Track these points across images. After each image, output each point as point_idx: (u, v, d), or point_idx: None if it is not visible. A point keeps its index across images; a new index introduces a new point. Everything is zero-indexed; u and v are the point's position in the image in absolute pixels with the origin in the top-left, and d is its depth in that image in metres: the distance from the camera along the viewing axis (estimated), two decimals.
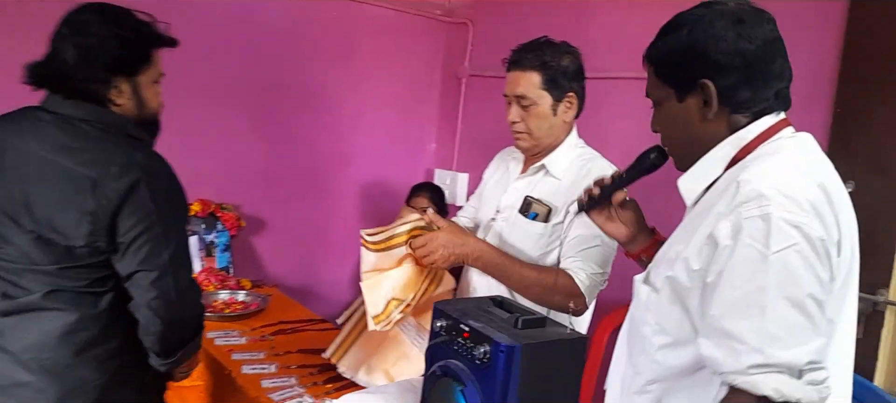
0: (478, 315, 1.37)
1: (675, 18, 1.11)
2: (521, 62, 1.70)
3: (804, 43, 2.07)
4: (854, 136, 1.90)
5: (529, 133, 1.72)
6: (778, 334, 0.89)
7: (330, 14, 3.05)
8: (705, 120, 1.07)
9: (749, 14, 1.05)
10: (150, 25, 1.46)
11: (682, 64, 1.08)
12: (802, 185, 0.95)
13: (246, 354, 2.00)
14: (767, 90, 1.06)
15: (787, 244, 0.89)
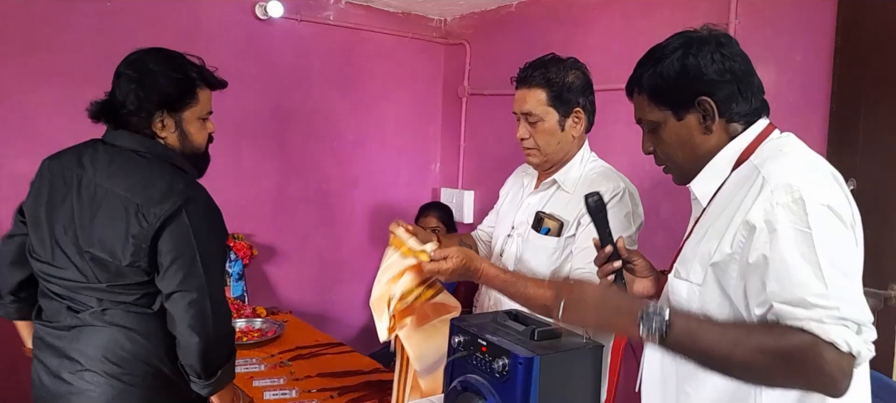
0: (495, 329, 1.40)
1: (656, 50, 1.22)
2: (528, 80, 1.73)
3: (797, 45, 2.12)
4: (852, 134, 1.93)
5: (538, 149, 1.75)
6: (839, 296, 0.99)
7: (331, 43, 3.12)
8: (705, 132, 1.19)
9: (725, 38, 1.19)
10: (196, 67, 1.60)
11: (678, 86, 1.18)
12: (822, 176, 1.07)
13: (266, 380, 2.03)
14: (755, 99, 1.18)
15: (823, 220, 1.01)
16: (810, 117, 2.08)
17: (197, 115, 1.59)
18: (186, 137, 1.58)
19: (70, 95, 2.44)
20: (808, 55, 2.09)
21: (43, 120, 2.41)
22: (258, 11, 2.87)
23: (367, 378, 2.08)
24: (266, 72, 2.92)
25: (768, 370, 1.00)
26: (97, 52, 2.48)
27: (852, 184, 1.91)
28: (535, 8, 3.04)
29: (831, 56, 2.01)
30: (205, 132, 1.63)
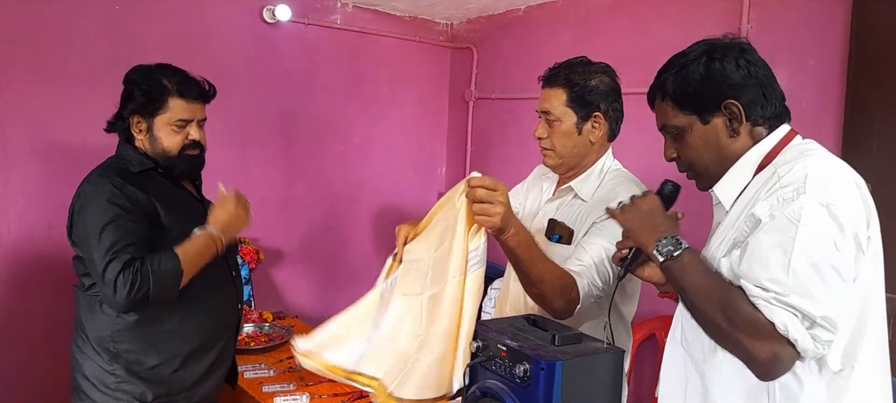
0: (514, 333, 1.39)
1: (678, 57, 1.23)
2: (551, 79, 1.70)
3: (810, 49, 2.11)
4: (867, 136, 1.93)
5: (554, 149, 1.70)
6: (796, 288, 1.01)
7: (338, 47, 3.11)
8: (732, 135, 1.20)
9: (746, 45, 1.21)
10: (178, 79, 1.72)
11: (704, 90, 1.19)
12: (838, 177, 1.08)
13: (276, 386, 2.01)
14: (778, 104, 1.20)
15: (816, 218, 1.02)
16: (824, 121, 2.07)
17: (166, 122, 1.71)
18: (156, 141, 1.72)
19: (78, 98, 2.43)
20: (821, 59, 2.08)
21: (51, 122, 2.39)
22: (266, 15, 2.86)
23: None
24: (273, 76, 2.91)
25: (720, 328, 1.09)
26: (105, 55, 2.47)
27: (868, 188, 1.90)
28: (542, 12, 3.04)
29: (845, 59, 2.00)
30: (176, 138, 1.73)
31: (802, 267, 1.01)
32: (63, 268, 2.41)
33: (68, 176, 2.42)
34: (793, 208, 1.04)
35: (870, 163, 1.92)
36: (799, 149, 1.16)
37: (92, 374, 1.67)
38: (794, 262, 1.01)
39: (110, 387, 1.66)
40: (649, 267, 1.37)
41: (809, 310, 1.01)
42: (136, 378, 1.66)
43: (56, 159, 2.41)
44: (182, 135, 1.73)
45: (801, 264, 1.01)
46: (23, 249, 2.38)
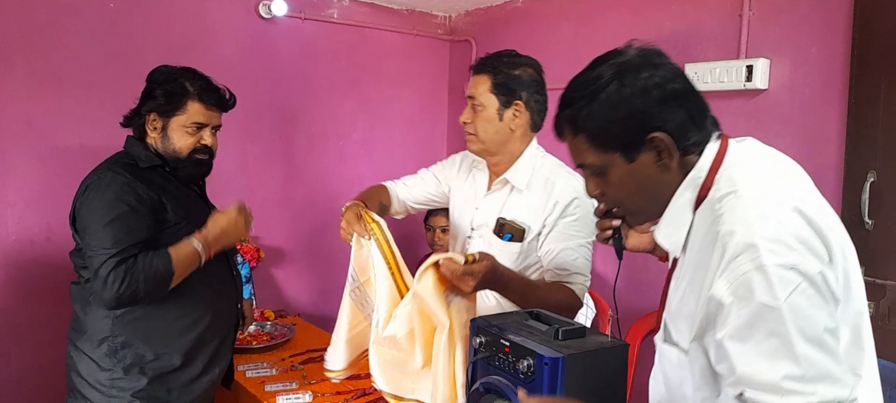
0: (517, 329, 1.37)
1: (585, 84, 1.03)
2: (479, 67, 1.77)
3: (813, 37, 2.09)
4: (871, 126, 1.91)
5: (476, 134, 1.76)
6: (817, 376, 0.88)
7: (336, 41, 3.09)
8: (664, 171, 1.03)
9: (657, 55, 1.03)
10: (200, 83, 1.75)
11: (623, 125, 1.01)
12: (783, 220, 0.92)
13: (279, 385, 2.00)
14: (706, 120, 1.03)
15: (790, 289, 0.88)
16: (827, 111, 2.05)
17: (182, 123, 1.74)
18: (168, 140, 1.75)
19: (75, 99, 2.41)
20: (824, 48, 2.06)
21: (48, 125, 2.38)
22: (262, 10, 2.84)
23: None
24: (270, 72, 2.89)
25: None
26: (101, 54, 2.46)
27: (873, 176, 1.89)
28: (541, 3, 3.02)
29: (848, 48, 1.98)
30: (188, 140, 1.75)
31: (807, 351, 0.88)
32: (63, 270, 2.40)
33: (66, 178, 2.41)
34: (761, 288, 0.89)
35: (874, 153, 1.90)
36: (731, 177, 1.00)
37: (87, 372, 1.67)
38: (797, 349, 0.88)
39: (105, 384, 1.66)
40: (633, 236, 1.35)
41: (837, 395, 0.89)
42: (133, 373, 1.66)
43: (54, 161, 2.39)
44: (195, 138, 1.76)
45: (805, 349, 0.88)
46: (22, 251, 2.37)
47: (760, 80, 2.16)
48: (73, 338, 1.72)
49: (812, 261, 0.90)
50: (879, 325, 1.89)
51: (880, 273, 1.89)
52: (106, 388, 1.66)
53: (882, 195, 1.88)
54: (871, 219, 1.90)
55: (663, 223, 1.07)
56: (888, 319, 1.87)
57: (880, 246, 1.90)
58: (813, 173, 2.18)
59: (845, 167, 1.98)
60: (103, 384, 1.66)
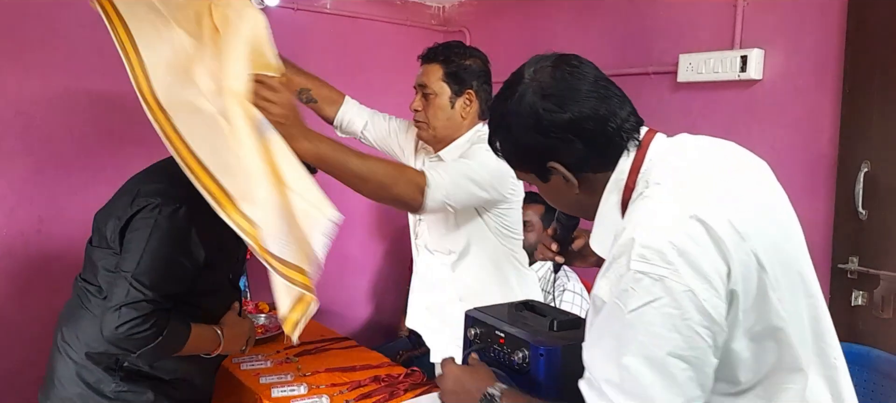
0: (512, 320, 1.37)
1: (492, 115, 1.11)
2: (430, 57, 1.84)
3: (807, 26, 2.09)
4: (865, 117, 1.91)
5: (427, 122, 1.82)
6: (632, 391, 0.87)
7: (329, 32, 3.07)
8: (574, 189, 1.04)
9: (551, 82, 1.00)
10: None
11: (523, 157, 1.07)
12: (671, 227, 0.88)
13: (273, 377, 2.00)
14: (611, 138, 1.00)
15: (645, 301, 0.86)
16: (822, 101, 2.05)
17: None
18: None
19: (65, 88, 2.39)
20: (818, 37, 2.06)
21: (38, 115, 2.35)
22: (254, 1, 2.80)
23: (375, 372, 2.05)
24: None
25: None
26: (91, 43, 2.42)
27: (866, 166, 1.89)
28: None
29: (843, 38, 1.98)
30: None
31: (636, 364, 0.86)
32: (54, 263, 2.39)
33: (56, 170, 2.39)
34: (620, 291, 0.88)
35: (868, 143, 1.91)
36: (646, 182, 0.98)
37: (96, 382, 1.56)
38: (625, 360, 0.87)
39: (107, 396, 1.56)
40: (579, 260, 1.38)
41: None
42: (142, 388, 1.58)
43: (43, 153, 2.37)
44: None
45: (634, 361, 0.86)
46: (13, 244, 2.35)
47: (755, 71, 2.16)
48: (74, 345, 1.60)
49: (687, 278, 0.85)
50: (873, 315, 1.90)
51: (874, 263, 1.90)
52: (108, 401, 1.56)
53: (876, 185, 1.89)
54: (864, 209, 1.90)
55: (595, 228, 1.07)
56: (881, 309, 1.88)
57: (874, 237, 1.90)
58: (807, 163, 2.19)
59: (839, 157, 1.98)
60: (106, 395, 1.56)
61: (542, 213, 2.55)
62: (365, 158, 1.58)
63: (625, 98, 1.03)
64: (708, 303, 0.85)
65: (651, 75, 2.51)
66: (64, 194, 2.40)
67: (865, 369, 1.82)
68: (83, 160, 2.42)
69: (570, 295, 2.36)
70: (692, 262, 0.85)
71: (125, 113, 2.49)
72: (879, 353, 1.81)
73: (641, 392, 0.87)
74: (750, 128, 2.22)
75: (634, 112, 1.03)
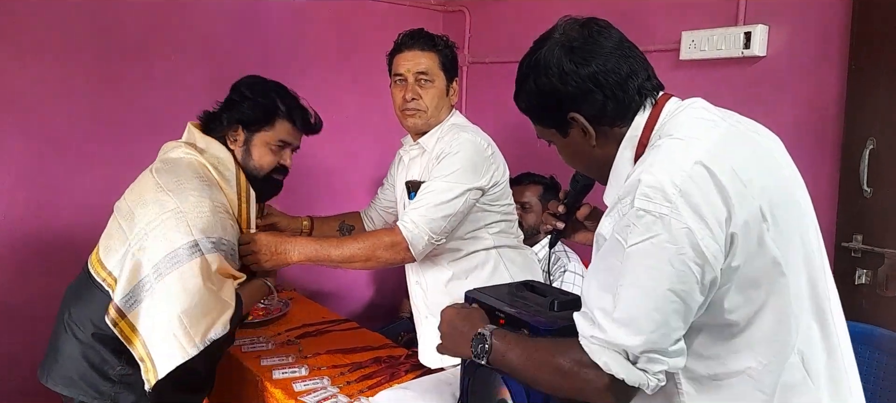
0: (512, 300, 1.36)
1: (520, 67, 1.13)
2: (419, 43, 1.85)
3: (812, 2, 2.06)
4: (871, 93, 1.88)
5: (426, 110, 1.83)
6: (621, 319, 0.93)
7: (328, 14, 3.03)
8: (592, 143, 1.09)
9: (578, 38, 1.06)
10: (288, 101, 1.74)
11: (545, 109, 1.11)
12: (675, 169, 0.93)
13: (275, 359, 2.00)
14: (630, 93, 1.06)
15: (644, 237, 0.91)
16: (827, 78, 2.02)
17: (266, 140, 1.71)
18: (249, 156, 1.71)
19: (60, 73, 2.37)
20: (823, 12, 2.03)
21: (35, 99, 2.33)
22: None
23: (376, 354, 2.05)
24: (260, 45, 2.84)
25: (557, 386, 1.03)
26: (85, 26, 2.40)
27: (872, 143, 1.87)
28: None
29: (849, 13, 1.95)
30: (270, 158, 1.72)
31: (630, 294, 0.92)
32: (54, 249, 2.38)
33: (54, 154, 2.38)
34: (622, 226, 0.94)
35: (875, 118, 1.88)
36: (658, 135, 1.04)
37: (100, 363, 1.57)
38: (622, 291, 0.93)
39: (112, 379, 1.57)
40: (581, 233, 1.39)
41: (629, 345, 0.93)
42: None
43: (41, 137, 2.35)
44: (277, 156, 1.73)
45: (631, 292, 0.92)
46: (13, 230, 2.34)
47: (758, 47, 2.13)
48: (82, 325, 1.60)
49: (686, 216, 0.90)
50: (877, 293, 1.89)
51: (878, 241, 1.88)
52: (111, 384, 1.57)
53: (881, 163, 1.87)
54: (870, 187, 1.88)
55: (609, 184, 1.11)
56: (885, 288, 1.87)
57: (879, 214, 1.89)
58: (811, 141, 2.17)
59: (844, 135, 1.96)
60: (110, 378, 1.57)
61: (541, 193, 2.54)
62: (341, 244, 1.74)
63: (646, 62, 1.09)
64: (703, 243, 0.90)
65: (653, 53, 2.46)
66: (63, 179, 2.39)
67: (869, 347, 1.81)
68: (82, 145, 2.41)
69: (570, 275, 2.36)
70: (692, 203, 0.90)
71: (123, 98, 2.47)
72: (883, 332, 1.80)
73: (631, 320, 0.93)
74: (754, 106, 2.18)
75: (654, 75, 1.10)
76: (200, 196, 1.56)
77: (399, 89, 1.87)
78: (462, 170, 1.72)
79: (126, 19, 2.47)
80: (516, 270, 1.87)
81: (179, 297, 1.47)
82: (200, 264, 1.50)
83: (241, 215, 1.69)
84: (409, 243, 1.69)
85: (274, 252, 1.68)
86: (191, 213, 1.53)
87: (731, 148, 0.98)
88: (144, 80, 2.50)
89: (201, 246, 1.51)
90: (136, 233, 1.53)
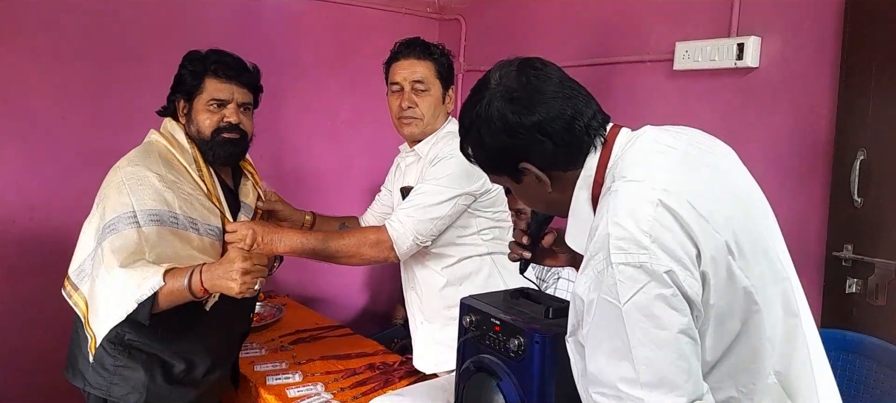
0: (507, 308, 1.37)
1: (461, 120, 1.10)
2: (415, 52, 1.86)
3: (805, 11, 2.08)
4: (862, 103, 1.90)
5: (422, 118, 1.85)
6: (651, 382, 0.87)
7: (324, 20, 3.04)
8: (547, 188, 1.07)
9: (518, 87, 1.02)
10: (213, 59, 1.67)
11: (494, 161, 1.08)
12: (640, 216, 0.90)
13: (268, 365, 1.99)
14: (578, 136, 1.03)
15: (635, 290, 0.88)
16: (818, 89, 2.04)
17: (203, 103, 1.66)
18: (192, 122, 1.67)
19: (55, 75, 2.37)
20: (815, 24, 2.05)
21: (29, 102, 2.33)
22: None
23: (370, 360, 2.05)
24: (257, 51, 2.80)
25: None
26: (82, 30, 2.40)
27: (862, 154, 1.89)
28: None
29: (840, 24, 1.97)
30: (209, 119, 1.66)
31: (646, 354, 0.87)
32: (46, 250, 2.37)
33: (48, 156, 2.37)
34: (608, 286, 0.89)
35: (864, 131, 1.90)
36: (613, 176, 1.00)
37: (77, 344, 1.64)
38: (635, 352, 0.87)
39: (110, 369, 1.60)
40: (549, 259, 1.38)
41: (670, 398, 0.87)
42: (134, 365, 1.61)
43: (35, 139, 2.35)
44: (217, 115, 1.66)
45: (643, 353, 0.87)
46: (5, 230, 2.33)
47: (751, 58, 2.15)
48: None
49: (662, 258, 0.88)
50: (867, 303, 1.90)
51: (869, 250, 1.90)
52: (108, 374, 1.60)
53: (872, 173, 1.88)
54: (860, 197, 1.90)
55: (569, 224, 1.10)
56: (876, 297, 1.88)
57: (869, 224, 1.90)
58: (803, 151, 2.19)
59: (835, 144, 1.97)
60: (106, 369, 1.60)
61: None
62: (327, 239, 1.74)
63: (590, 97, 1.06)
64: (685, 283, 0.88)
65: (647, 63, 2.50)
66: (56, 180, 2.39)
67: (859, 356, 1.82)
68: (75, 146, 2.40)
69: (564, 282, 2.37)
70: (666, 247, 0.88)
71: (121, 100, 2.47)
72: (873, 340, 1.81)
73: (661, 379, 0.87)
74: (746, 116, 2.21)
75: (600, 110, 1.07)
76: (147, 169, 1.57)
77: (395, 97, 1.88)
78: (454, 174, 1.73)
79: (124, 22, 2.47)
80: (510, 277, 1.87)
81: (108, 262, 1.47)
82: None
83: (212, 194, 1.66)
84: (394, 242, 1.72)
85: (261, 241, 1.64)
86: (129, 183, 1.54)
87: (688, 180, 0.97)
88: (142, 83, 2.49)
89: (138, 218, 1.51)
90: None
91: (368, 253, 1.73)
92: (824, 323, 1.96)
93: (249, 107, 1.75)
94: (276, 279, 3.00)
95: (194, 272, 1.46)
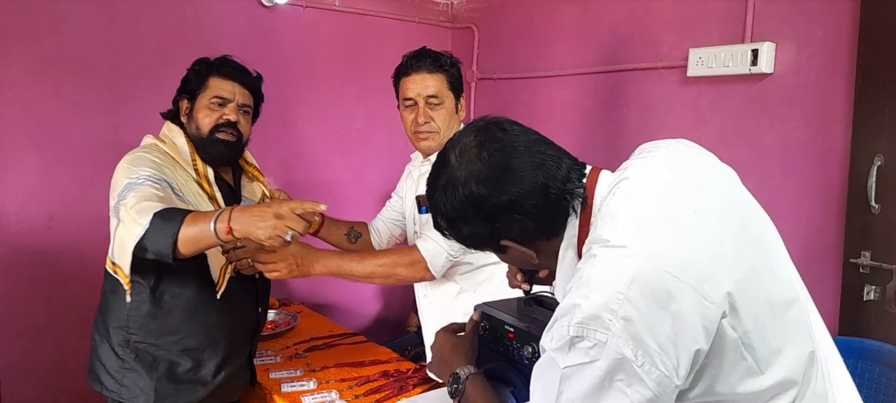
0: (520, 315, 1.37)
1: (433, 203, 1.04)
2: (426, 66, 1.84)
3: (819, 18, 2.07)
4: (878, 110, 1.89)
5: (439, 131, 1.84)
6: None
7: (338, 29, 3.07)
8: (534, 259, 1.05)
9: (481, 165, 0.96)
10: (217, 61, 1.74)
11: (475, 244, 1.06)
12: (612, 293, 0.85)
13: (283, 372, 2.00)
14: (556, 203, 0.98)
15: (578, 361, 0.86)
16: (834, 95, 2.03)
17: (205, 101, 1.71)
18: (192, 120, 1.72)
19: (73, 86, 2.41)
20: (830, 29, 2.04)
21: (45, 112, 2.37)
22: None
23: (384, 368, 2.05)
24: (271, 60, 2.87)
25: None
26: (98, 40, 2.44)
27: (879, 160, 1.87)
28: None
29: (855, 29, 1.96)
30: (209, 117, 1.70)
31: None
32: (65, 259, 2.41)
33: (66, 165, 2.41)
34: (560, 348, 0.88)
35: (881, 137, 1.89)
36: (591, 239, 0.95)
37: (105, 356, 1.67)
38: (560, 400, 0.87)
39: (117, 372, 1.65)
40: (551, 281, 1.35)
41: None
42: (143, 367, 1.64)
43: (53, 149, 2.39)
44: (217, 113, 1.70)
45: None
46: (24, 241, 2.36)
47: (766, 65, 2.14)
48: (98, 321, 1.71)
49: (622, 344, 0.83)
50: (884, 310, 1.88)
51: (887, 257, 1.88)
52: (118, 376, 1.65)
53: (889, 179, 1.87)
54: (877, 204, 1.88)
55: (558, 277, 1.07)
56: (894, 304, 1.86)
57: (886, 231, 1.88)
58: (819, 158, 2.17)
59: (852, 151, 1.96)
60: (116, 371, 1.65)
61: None
62: (363, 260, 1.76)
63: (560, 154, 1.00)
64: (642, 369, 0.83)
65: (660, 69, 2.49)
66: (73, 190, 2.42)
67: (877, 364, 1.80)
68: (92, 157, 2.44)
69: None
70: (631, 329, 0.83)
71: (133, 109, 2.50)
72: (892, 348, 1.80)
73: None
74: (761, 123, 2.20)
75: (573, 164, 1.01)
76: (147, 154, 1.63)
77: (410, 112, 1.87)
78: None
79: (141, 35, 2.51)
80: None
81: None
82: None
83: (208, 191, 1.68)
84: (428, 262, 1.73)
85: (299, 263, 1.65)
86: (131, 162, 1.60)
87: (673, 241, 0.89)
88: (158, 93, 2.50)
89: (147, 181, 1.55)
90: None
91: (404, 273, 1.74)
92: (842, 331, 1.94)
93: (249, 111, 1.78)
94: (291, 287, 3.03)
95: (222, 214, 1.41)
